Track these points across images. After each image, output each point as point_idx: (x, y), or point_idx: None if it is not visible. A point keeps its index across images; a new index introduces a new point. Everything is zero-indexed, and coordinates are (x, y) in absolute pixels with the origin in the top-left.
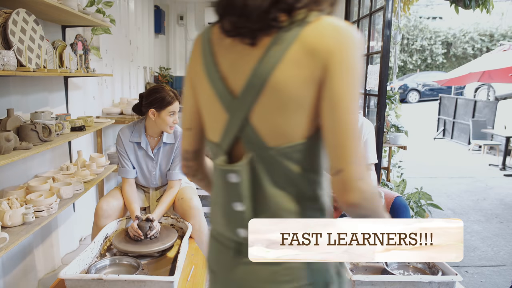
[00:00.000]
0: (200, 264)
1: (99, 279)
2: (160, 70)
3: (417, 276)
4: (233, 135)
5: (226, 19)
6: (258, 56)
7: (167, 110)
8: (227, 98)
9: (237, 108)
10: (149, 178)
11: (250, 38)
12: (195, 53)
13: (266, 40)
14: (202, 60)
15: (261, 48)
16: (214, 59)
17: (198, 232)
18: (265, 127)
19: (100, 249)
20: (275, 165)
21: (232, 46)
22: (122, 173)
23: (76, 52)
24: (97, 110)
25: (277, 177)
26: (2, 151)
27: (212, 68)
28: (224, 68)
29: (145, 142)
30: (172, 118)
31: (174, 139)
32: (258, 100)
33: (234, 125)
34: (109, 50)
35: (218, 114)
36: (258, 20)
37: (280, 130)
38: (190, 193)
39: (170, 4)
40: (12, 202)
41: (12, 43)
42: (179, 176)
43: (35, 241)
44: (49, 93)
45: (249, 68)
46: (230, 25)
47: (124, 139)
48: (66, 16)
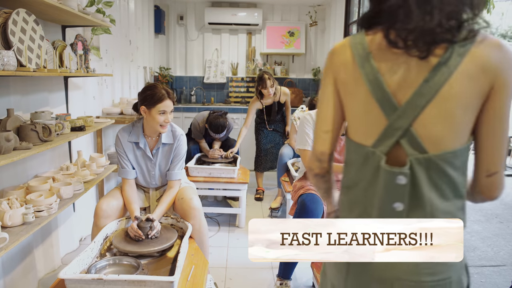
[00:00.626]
0: (200, 264)
1: (99, 279)
2: (160, 70)
3: None
4: (394, 141)
5: (393, 31)
6: (429, 67)
7: (157, 108)
8: (390, 106)
9: (401, 116)
10: (148, 178)
11: (423, 51)
12: (346, 62)
13: (437, 52)
14: (360, 70)
15: (432, 60)
16: (376, 68)
17: (198, 232)
18: (428, 134)
19: (100, 249)
20: (434, 168)
21: (396, 56)
22: (122, 174)
23: (76, 52)
24: (97, 110)
25: (435, 180)
26: (2, 151)
27: (374, 78)
28: (387, 78)
29: (143, 142)
30: (162, 117)
31: (173, 139)
32: (425, 109)
33: (394, 131)
34: (109, 50)
35: (376, 120)
36: (435, 34)
37: (443, 137)
38: (190, 193)
39: (170, 4)
40: (12, 202)
41: (12, 43)
42: (179, 176)
43: (35, 241)
44: (49, 93)
45: (419, 78)
46: (401, 37)
47: (123, 140)
48: (66, 16)
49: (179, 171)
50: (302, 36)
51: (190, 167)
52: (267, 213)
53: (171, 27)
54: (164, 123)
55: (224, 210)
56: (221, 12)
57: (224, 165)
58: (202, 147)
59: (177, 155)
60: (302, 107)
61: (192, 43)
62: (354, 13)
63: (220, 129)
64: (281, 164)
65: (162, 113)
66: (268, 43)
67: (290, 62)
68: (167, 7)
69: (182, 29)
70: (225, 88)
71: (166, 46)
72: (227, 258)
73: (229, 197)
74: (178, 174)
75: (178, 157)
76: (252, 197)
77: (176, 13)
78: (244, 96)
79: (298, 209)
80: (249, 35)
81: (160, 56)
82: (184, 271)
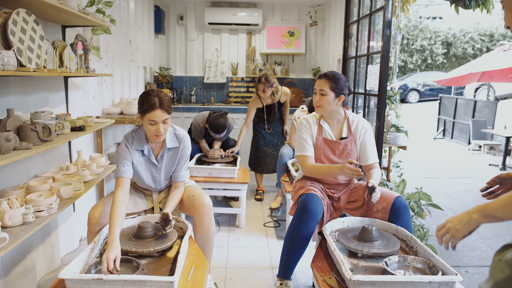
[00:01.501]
0: (200, 264)
1: (99, 279)
2: (160, 70)
3: (417, 276)
4: None
5: None
6: None
7: (146, 117)
8: None
9: None
10: (153, 184)
11: None
12: None
13: None
14: None
15: None
16: None
17: (207, 230)
18: None
19: (100, 249)
20: None
21: None
22: (120, 173)
23: (76, 52)
24: (97, 110)
25: None
26: (2, 151)
27: None
28: None
29: (147, 149)
30: (153, 127)
31: (178, 142)
32: None
33: None
34: (109, 50)
35: None
36: None
37: None
38: (201, 191)
39: (170, 4)
40: (12, 202)
41: (12, 43)
42: (185, 177)
43: (35, 241)
44: (49, 93)
45: None
46: None
47: (129, 146)
48: (66, 16)
49: (185, 172)
50: (302, 36)
51: (190, 167)
52: (267, 213)
53: (171, 27)
54: (157, 132)
55: (224, 210)
56: (221, 12)
57: (224, 165)
58: (202, 147)
59: (183, 156)
60: (303, 107)
61: (192, 43)
62: (354, 13)
63: (221, 129)
64: (281, 164)
65: (153, 124)
66: (268, 43)
67: (290, 62)
68: (167, 7)
69: (182, 29)
70: (225, 88)
71: (166, 46)
72: (227, 258)
73: (229, 197)
74: (184, 175)
75: (184, 158)
76: (252, 197)
77: (176, 13)
78: (244, 96)
79: (298, 209)
80: (249, 35)
81: (160, 56)
82: (184, 271)
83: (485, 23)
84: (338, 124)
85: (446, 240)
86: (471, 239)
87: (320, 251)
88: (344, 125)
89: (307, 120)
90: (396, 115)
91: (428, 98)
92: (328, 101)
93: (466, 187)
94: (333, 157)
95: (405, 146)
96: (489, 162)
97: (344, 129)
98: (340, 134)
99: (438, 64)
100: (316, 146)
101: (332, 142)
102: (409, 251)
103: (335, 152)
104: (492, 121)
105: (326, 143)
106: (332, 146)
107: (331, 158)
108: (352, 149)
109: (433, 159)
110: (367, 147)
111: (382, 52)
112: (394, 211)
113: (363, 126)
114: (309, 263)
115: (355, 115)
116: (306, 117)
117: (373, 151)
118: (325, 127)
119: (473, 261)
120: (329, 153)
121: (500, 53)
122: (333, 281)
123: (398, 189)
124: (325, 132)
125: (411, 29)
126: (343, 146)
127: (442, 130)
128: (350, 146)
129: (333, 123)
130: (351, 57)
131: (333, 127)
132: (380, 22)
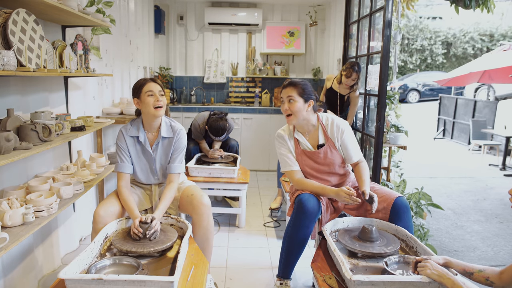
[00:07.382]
0: (200, 264)
1: (99, 279)
2: (160, 70)
3: (417, 276)
4: None
5: None
6: None
7: (143, 91)
8: None
9: None
10: (150, 174)
11: None
12: None
13: None
14: None
15: None
16: None
17: (205, 229)
18: None
19: (100, 249)
20: None
21: None
22: (120, 168)
23: (76, 52)
24: (97, 110)
25: None
26: (2, 151)
27: None
28: None
29: (143, 136)
30: (152, 98)
31: (173, 133)
32: None
33: None
34: (109, 50)
35: None
36: None
37: None
38: (199, 191)
39: (170, 4)
40: (12, 202)
41: (12, 43)
42: (178, 169)
43: (35, 241)
44: (49, 93)
45: None
46: None
47: (125, 134)
48: (66, 16)
49: (179, 164)
50: (302, 36)
51: (190, 167)
52: (267, 213)
53: (171, 27)
54: (156, 103)
55: (224, 210)
56: (221, 12)
57: (224, 165)
58: (202, 147)
59: (177, 148)
60: None
61: (192, 43)
62: (354, 13)
63: (220, 132)
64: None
65: (150, 95)
66: (268, 43)
67: (290, 62)
68: (167, 7)
69: (182, 29)
70: (225, 88)
71: (166, 46)
72: (227, 258)
73: (229, 197)
74: (178, 167)
75: (178, 150)
76: (252, 197)
77: (176, 13)
78: (244, 96)
79: (295, 209)
80: (249, 35)
81: (160, 56)
82: (184, 271)
83: (485, 23)
84: (313, 131)
85: (420, 266)
86: (471, 239)
87: (320, 251)
88: (320, 131)
89: (280, 135)
90: (396, 115)
91: (428, 98)
92: (298, 107)
93: (466, 187)
94: (316, 165)
95: (405, 146)
96: (489, 162)
97: (320, 136)
98: (317, 142)
99: (438, 64)
100: (297, 159)
101: (311, 153)
102: (409, 251)
103: (317, 161)
104: (492, 121)
105: (306, 155)
106: (312, 157)
107: (315, 166)
108: (334, 156)
109: (433, 159)
110: (348, 148)
111: (382, 52)
112: (395, 211)
113: (339, 127)
114: (308, 263)
115: (328, 115)
116: (279, 132)
117: (355, 150)
118: (301, 139)
119: (473, 261)
120: (311, 163)
121: (500, 53)
122: (333, 281)
123: (398, 189)
124: (302, 144)
125: (411, 29)
126: (323, 155)
127: (442, 130)
128: (330, 154)
129: (308, 132)
130: (351, 57)
131: (308, 136)
132: (380, 22)
